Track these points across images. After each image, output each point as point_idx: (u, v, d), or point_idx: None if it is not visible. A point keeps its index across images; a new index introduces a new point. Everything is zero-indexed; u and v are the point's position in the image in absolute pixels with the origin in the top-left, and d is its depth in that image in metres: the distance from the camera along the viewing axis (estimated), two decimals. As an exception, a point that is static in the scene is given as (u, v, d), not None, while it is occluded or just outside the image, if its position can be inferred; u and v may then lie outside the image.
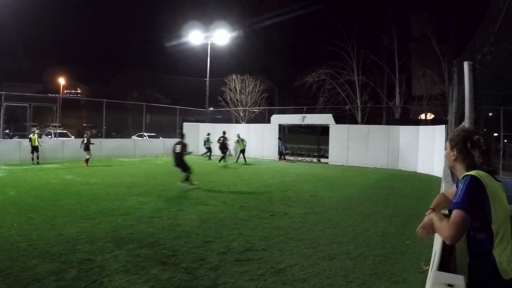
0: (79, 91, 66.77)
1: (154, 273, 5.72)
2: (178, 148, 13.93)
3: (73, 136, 32.28)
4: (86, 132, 23.01)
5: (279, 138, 28.69)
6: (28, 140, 21.07)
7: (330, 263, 6.36)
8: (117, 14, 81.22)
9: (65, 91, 60.96)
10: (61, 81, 58.81)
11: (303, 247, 7.21)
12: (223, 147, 24.10)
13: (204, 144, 28.01)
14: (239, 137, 25.21)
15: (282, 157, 28.13)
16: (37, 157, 21.15)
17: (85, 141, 21.32)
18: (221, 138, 24.60)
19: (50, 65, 55.83)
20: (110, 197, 11.86)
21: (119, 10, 77.75)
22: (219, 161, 23.15)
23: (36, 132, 21.66)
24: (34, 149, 21.00)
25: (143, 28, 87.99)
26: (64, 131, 31.99)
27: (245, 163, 24.52)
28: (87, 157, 21.14)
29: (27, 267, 5.80)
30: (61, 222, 8.56)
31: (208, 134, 28.11)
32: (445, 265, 2.33)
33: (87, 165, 20.73)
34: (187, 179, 13.92)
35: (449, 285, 1.68)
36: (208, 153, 27.60)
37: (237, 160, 24.76)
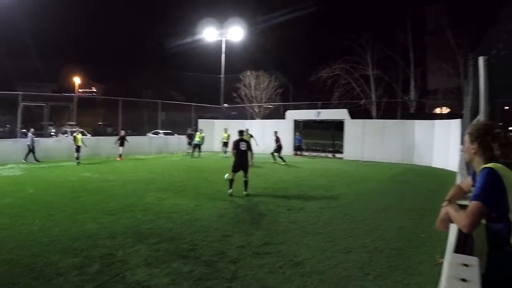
0: (94, 90, 67.25)
1: (175, 266, 5.86)
2: (243, 146, 12.35)
3: (89, 135, 32.58)
4: (122, 130, 24.62)
5: (297, 133, 28.61)
6: (72, 139, 21.15)
7: (347, 256, 6.47)
8: (131, 12, 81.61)
9: (80, 90, 61.42)
10: (76, 80, 59.25)
11: (320, 240, 7.32)
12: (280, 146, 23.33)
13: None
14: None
15: (299, 152, 27.99)
16: (78, 157, 20.53)
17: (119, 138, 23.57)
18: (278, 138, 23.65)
19: (65, 64, 56.29)
20: (129, 193, 12.04)
21: (132, 7, 77.99)
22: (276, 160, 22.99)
23: (80, 131, 22.71)
24: (77, 149, 20.66)
25: (156, 26, 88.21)
26: (81, 130, 32.33)
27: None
28: (120, 152, 23.22)
29: (50, 262, 5.95)
30: (81, 218, 8.74)
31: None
32: (461, 251, 2.42)
33: (119, 159, 23.01)
34: (247, 184, 12.25)
35: (464, 264, 1.79)
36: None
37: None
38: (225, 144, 26.63)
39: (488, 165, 2.48)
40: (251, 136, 23.59)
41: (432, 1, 42.39)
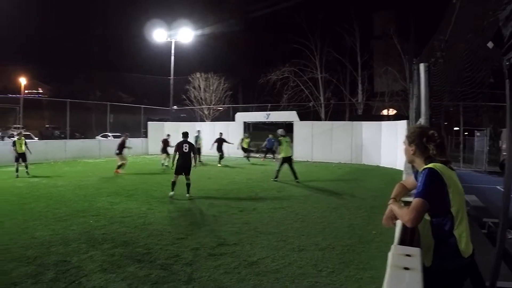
0: (40, 91, 64.96)
1: (131, 270, 5.86)
2: (186, 148, 12.30)
3: (36, 138, 31.59)
4: (126, 134, 20.22)
5: (271, 135, 26.42)
6: (12, 145, 17.10)
7: (300, 254, 6.67)
8: (80, 12, 79.59)
9: (26, 91, 59.20)
10: (22, 81, 57.19)
11: (273, 240, 7.50)
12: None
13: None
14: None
15: (269, 155, 26.97)
16: (26, 167, 17.13)
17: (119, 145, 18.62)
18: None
19: (10, 64, 54.25)
20: (79, 198, 11.81)
21: (81, 7, 76.06)
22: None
23: (23, 135, 18.15)
24: (20, 156, 16.91)
25: (106, 26, 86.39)
26: (27, 133, 31.31)
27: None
28: (119, 163, 18.31)
29: (3, 271, 5.79)
30: (32, 225, 8.52)
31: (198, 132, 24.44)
32: (404, 244, 2.62)
33: (117, 172, 18.10)
34: (189, 187, 12.26)
35: (407, 255, 1.96)
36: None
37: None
38: (245, 149, 26.27)
39: (429, 165, 2.70)
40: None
41: (379, 8, 43.77)
